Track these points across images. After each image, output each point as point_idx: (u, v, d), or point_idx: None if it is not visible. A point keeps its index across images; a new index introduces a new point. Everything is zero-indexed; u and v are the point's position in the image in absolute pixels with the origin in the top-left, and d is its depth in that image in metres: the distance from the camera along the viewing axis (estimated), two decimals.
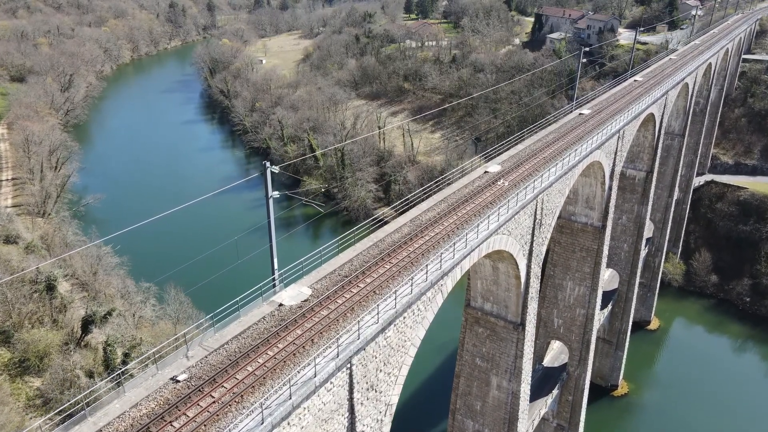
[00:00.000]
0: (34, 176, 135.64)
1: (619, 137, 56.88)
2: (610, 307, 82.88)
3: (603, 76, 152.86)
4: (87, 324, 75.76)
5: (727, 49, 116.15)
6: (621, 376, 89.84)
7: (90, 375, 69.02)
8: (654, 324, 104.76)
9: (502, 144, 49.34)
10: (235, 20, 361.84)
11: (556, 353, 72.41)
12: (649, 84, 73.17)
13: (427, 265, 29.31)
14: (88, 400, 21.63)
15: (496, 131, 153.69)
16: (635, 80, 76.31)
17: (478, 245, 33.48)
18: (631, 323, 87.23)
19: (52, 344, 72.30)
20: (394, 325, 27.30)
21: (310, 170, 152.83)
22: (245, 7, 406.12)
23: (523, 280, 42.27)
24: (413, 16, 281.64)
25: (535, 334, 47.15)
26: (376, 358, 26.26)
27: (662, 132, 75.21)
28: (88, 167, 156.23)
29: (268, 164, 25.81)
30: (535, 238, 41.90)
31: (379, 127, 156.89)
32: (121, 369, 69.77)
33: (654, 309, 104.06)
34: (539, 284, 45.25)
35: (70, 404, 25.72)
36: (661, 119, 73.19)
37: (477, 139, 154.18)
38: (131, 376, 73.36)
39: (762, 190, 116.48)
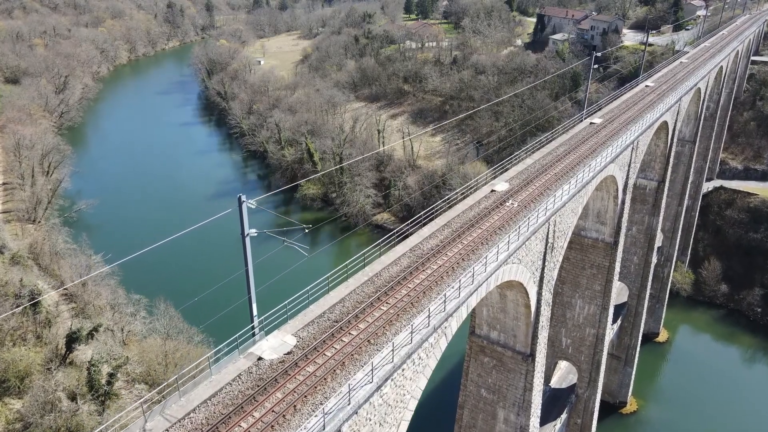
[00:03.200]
0: (25, 181, 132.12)
1: (633, 148, 53.30)
2: (619, 322, 79.31)
3: (606, 78, 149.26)
4: (71, 341, 72.24)
5: (738, 51, 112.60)
6: (630, 393, 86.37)
7: (72, 397, 65.50)
8: (663, 336, 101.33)
9: (511, 158, 45.55)
10: (234, 20, 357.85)
11: (564, 373, 68.89)
12: (662, 90, 69.55)
13: (429, 308, 25.69)
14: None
15: (498, 134, 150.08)
16: (646, 85, 72.66)
17: (486, 279, 29.91)
18: (640, 338, 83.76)
19: (34, 364, 68.85)
20: (392, 380, 23.76)
21: (307, 175, 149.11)
22: (244, 7, 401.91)
23: (533, 308, 38.69)
24: (413, 16, 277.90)
25: (545, 364, 43.60)
26: (370, 420, 22.71)
27: (675, 140, 71.66)
28: (81, 171, 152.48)
29: (243, 198, 22.20)
30: (546, 263, 38.33)
31: (379, 130, 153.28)
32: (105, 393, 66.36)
33: (662, 320, 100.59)
34: (551, 311, 41.72)
35: None
36: (674, 126, 69.65)
37: (478, 143, 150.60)
38: (116, 396, 70.11)
39: None
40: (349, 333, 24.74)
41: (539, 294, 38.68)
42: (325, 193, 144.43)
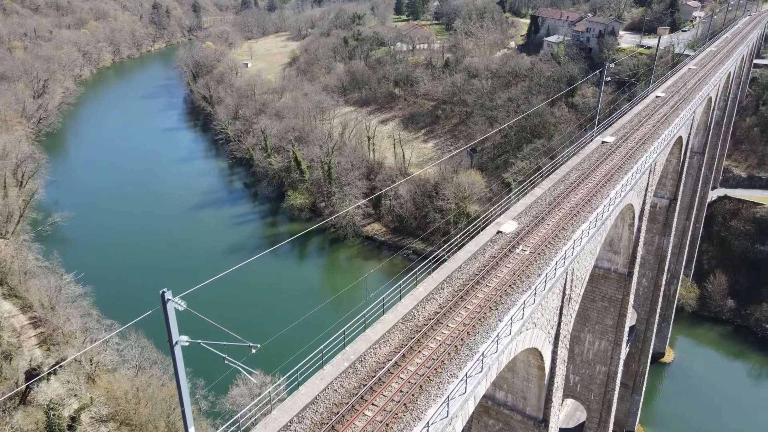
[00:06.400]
0: None
1: (650, 170, 47.72)
2: (627, 348, 73.84)
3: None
4: (31, 378, 65.92)
5: (743, 55, 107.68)
6: (637, 421, 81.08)
7: None
8: (668, 356, 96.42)
9: (522, 188, 39.62)
10: (221, 21, 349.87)
11: (570, 410, 63.28)
12: (675, 101, 64.04)
13: (428, 420, 19.75)
14: None
15: (492, 141, 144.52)
16: (657, 96, 67.15)
17: (497, 358, 24.11)
18: (649, 364, 78.44)
19: None
20: None
21: (295, 184, 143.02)
22: (232, 8, 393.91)
23: (547, 370, 32.92)
24: (404, 17, 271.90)
25: (558, 427, 37.85)
26: None
27: (688, 154, 66.29)
28: (58, 181, 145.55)
29: (168, 294, 16.10)
30: (563, 317, 32.61)
31: (369, 137, 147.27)
32: None
33: (668, 339, 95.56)
34: (566, 369, 35.99)
35: None
36: (688, 140, 64.28)
37: (473, 150, 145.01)
38: None
39: None
40: None
41: (554, 353, 32.95)
42: (314, 203, 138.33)
